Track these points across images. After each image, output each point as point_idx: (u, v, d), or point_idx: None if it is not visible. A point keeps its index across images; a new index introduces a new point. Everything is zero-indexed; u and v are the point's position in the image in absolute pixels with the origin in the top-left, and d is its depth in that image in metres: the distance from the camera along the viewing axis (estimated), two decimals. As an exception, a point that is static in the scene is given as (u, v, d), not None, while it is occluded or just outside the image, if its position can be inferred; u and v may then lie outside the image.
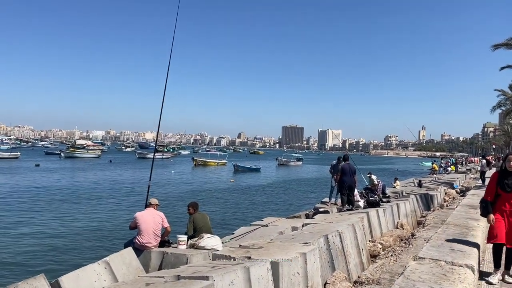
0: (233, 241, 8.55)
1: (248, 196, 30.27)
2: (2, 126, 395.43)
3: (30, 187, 29.83)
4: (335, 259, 7.13)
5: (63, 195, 26.37)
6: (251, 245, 6.91)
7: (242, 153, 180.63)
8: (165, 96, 9.80)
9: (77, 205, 23.00)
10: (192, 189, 33.25)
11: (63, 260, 11.97)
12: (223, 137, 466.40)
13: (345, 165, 12.86)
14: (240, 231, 9.85)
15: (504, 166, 5.43)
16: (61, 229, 16.64)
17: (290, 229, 9.54)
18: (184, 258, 6.63)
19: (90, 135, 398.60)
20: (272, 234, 8.78)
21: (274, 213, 20.05)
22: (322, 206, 14.09)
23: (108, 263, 6.16)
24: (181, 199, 26.73)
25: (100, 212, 20.72)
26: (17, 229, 16.19)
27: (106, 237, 15.52)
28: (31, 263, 11.56)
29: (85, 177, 40.63)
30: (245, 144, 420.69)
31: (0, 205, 21.69)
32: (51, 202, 23.48)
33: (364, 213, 10.29)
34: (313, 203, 19.34)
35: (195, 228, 8.13)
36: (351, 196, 12.77)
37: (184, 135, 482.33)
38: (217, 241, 7.17)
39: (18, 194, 26.16)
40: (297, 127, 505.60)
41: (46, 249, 13.32)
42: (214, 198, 27.99)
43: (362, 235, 8.79)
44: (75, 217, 19.28)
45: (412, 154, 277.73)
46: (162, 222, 7.73)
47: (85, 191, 28.82)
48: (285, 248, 6.48)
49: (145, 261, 7.04)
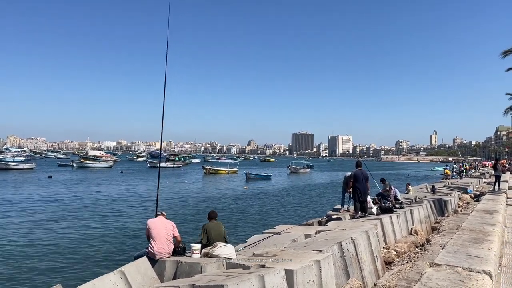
0: (247, 250, 8.55)
1: (260, 203, 30.23)
2: (16, 138, 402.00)
3: (45, 198, 30.21)
4: (349, 266, 7.08)
5: (76, 206, 26.61)
6: (265, 253, 6.90)
7: (253, 160, 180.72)
8: (165, 105, 9.91)
9: (91, 215, 23.21)
10: (205, 197, 33.33)
11: (79, 269, 12.07)
12: (233, 145, 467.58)
13: (358, 171, 12.79)
14: (253, 239, 9.84)
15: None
16: (76, 239, 16.80)
17: (303, 236, 9.51)
18: (199, 267, 6.65)
19: (101, 146, 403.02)
20: (285, 242, 8.75)
21: (286, 220, 19.99)
22: (334, 213, 14.01)
23: (124, 272, 6.21)
24: (195, 207, 26.84)
25: (113, 222, 20.87)
26: (33, 240, 16.39)
27: (120, 246, 15.62)
28: (48, 273, 11.67)
29: (98, 187, 41.00)
30: (255, 152, 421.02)
31: (16, 216, 21.97)
32: (65, 213, 23.72)
33: (378, 220, 10.21)
34: (325, 210, 19.27)
35: (208, 236, 8.18)
36: (364, 202, 12.69)
37: (194, 144, 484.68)
38: (231, 250, 7.18)
39: (33, 205, 26.49)
40: (307, 134, 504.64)
41: (61, 259, 13.44)
42: (227, 206, 28.02)
43: (376, 242, 8.72)
44: (89, 227, 19.44)
45: (424, 159, 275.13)
46: (173, 230, 7.79)
47: (97, 202, 29.07)
48: (299, 256, 6.47)
49: (159, 270, 7.08)
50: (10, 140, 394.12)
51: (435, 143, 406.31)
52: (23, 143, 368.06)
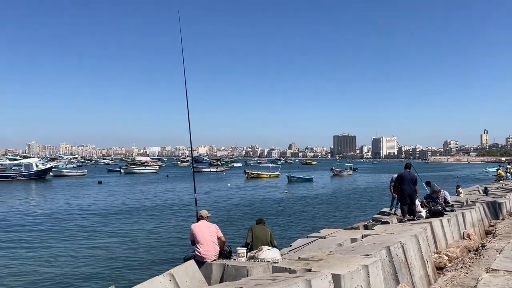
0: (292, 253, 8.52)
1: (303, 207, 30.03)
2: (68, 145, 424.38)
3: (96, 202, 31.66)
4: (398, 271, 6.89)
5: (125, 210, 27.66)
6: (311, 257, 6.85)
7: (294, 164, 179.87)
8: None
9: (139, 218, 24.12)
10: (248, 201, 33.55)
11: (130, 271, 12.51)
12: (274, 148, 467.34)
13: (405, 172, 12.37)
14: (297, 243, 9.78)
15: None
16: (126, 241, 17.48)
17: (349, 240, 9.34)
18: (245, 271, 6.70)
19: (147, 152, 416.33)
20: (331, 246, 8.64)
21: (331, 224, 19.72)
22: (381, 216, 13.66)
23: (173, 275, 6.37)
24: (238, 211, 27.12)
25: (161, 225, 21.49)
26: (86, 242, 17.21)
27: (169, 248, 16.07)
28: (100, 275, 12.19)
29: (145, 192, 42.40)
30: (296, 155, 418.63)
31: (69, 220, 23.15)
32: (114, 216, 24.76)
33: (427, 223, 9.87)
34: (370, 214, 18.82)
35: (253, 236, 8.29)
36: (412, 205, 12.28)
37: (235, 148, 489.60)
38: (276, 254, 7.19)
39: (85, 209, 27.83)
40: (349, 136, 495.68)
41: (113, 261, 13.99)
42: (269, 210, 28.06)
43: (426, 246, 8.42)
44: (138, 229, 20.15)
45: (475, 160, 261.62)
46: (216, 232, 7.91)
47: (145, 205, 30.06)
48: (346, 260, 6.37)
49: (206, 273, 7.19)
50: (62, 147, 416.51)
51: (486, 143, 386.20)
52: (74, 150, 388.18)
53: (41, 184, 51.47)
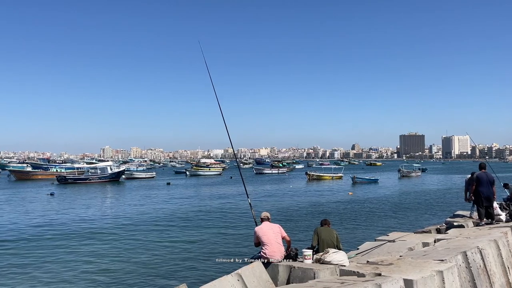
0: (359, 257, 8.32)
1: (369, 209, 29.17)
2: (137, 149, 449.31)
3: (166, 204, 33.24)
4: (476, 278, 6.47)
5: (193, 210, 28.72)
6: (380, 261, 6.65)
7: (358, 165, 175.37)
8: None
9: (207, 217, 25.20)
10: (310, 203, 33.28)
11: (199, 269, 12.97)
12: (336, 149, 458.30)
13: (482, 174, 11.58)
14: (365, 246, 9.53)
15: None
16: (194, 240, 18.21)
17: (421, 244, 8.94)
18: (311, 273, 6.66)
19: (211, 154, 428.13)
20: (401, 250, 8.32)
21: (399, 227, 19.00)
22: (455, 219, 12.89)
23: (241, 275, 6.50)
24: (301, 213, 27.02)
25: (225, 226, 22.01)
26: (158, 240, 18.14)
27: (235, 247, 16.46)
28: (172, 272, 12.77)
29: (209, 193, 43.71)
30: (360, 156, 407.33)
31: (142, 220, 24.50)
32: (183, 215, 25.91)
33: (508, 227, 9.18)
34: (443, 217, 17.86)
35: (318, 239, 8.21)
36: (489, 208, 11.45)
37: (297, 149, 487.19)
38: (343, 256, 7.06)
39: (157, 208, 29.32)
40: (417, 135, 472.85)
41: (182, 259, 14.59)
42: (333, 211, 27.61)
43: (507, 252, 7.84)
44: (205, 230, 20.85)
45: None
46: (280, 232, 7.94)
47: (210, 207, 30.95)
48: (418, 265, 6.10)
49: (273, 274, 7.25)
50: (133, 151, 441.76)
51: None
52: (143, 154, 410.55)
53: (116, 186, 54.95)
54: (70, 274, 12.97)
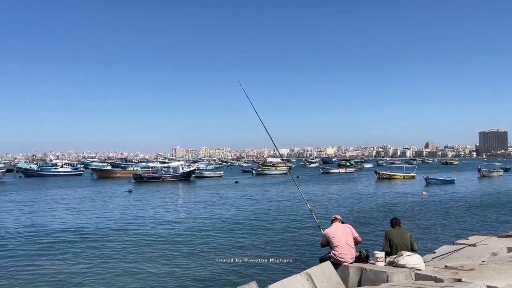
0: (436, 261, 7.89)
1: (445, 211, 27.48)
2: (206, 149, 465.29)
3: (234, 201, 34.11)
4: None
5: (260, 208, 29.11)
6: (459, 266, 6.26)
7: (432, 164, 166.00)
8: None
9: (275, 215, 25.47)
10: (380, 203, 32.14)
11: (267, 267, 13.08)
12: (408, 148, 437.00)
13: None
14: (442, 250, 9.02)
15: None
16: (261, 238, 18.42)
17: (506, 249, 8.27)
18: (384, 276, 6.45)
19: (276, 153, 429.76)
20: (483, 255, 7.76)
21: (479, 230, 17.69)
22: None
23: (310, 275, 6.47)
24: (372, 213, 26.22)
25: (292, 225, 21.98)
26: (228, 236, 18.64)
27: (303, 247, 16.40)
28: (241, 269, 13.02)
29: (276, 191, 43.98)
30: (434, 155, 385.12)
31: (216, 217, 25.29)
32: (252, 214, 26.39)
33: None
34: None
35: (390, 244, 7.88)
36: None
37: (365, 148, 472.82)
38: (419, 260, 6.74)
39: (228, 206, 30.14)
40: (498, 131, 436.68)
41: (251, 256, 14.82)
42: (405, 212, 26.40)
43: None
44: (273, 228, 21.04)
45: None
46: (351, 232, 7.79)
47: (278, 204, 31.13)
48: (504, 271, 5.65)
49: (343, 275, 7.13)
50: (202, 151, 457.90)
51: None
52: (212, 153, 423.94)
53: (187, 185, 57.30)
54: (150, 265, 13.76)
